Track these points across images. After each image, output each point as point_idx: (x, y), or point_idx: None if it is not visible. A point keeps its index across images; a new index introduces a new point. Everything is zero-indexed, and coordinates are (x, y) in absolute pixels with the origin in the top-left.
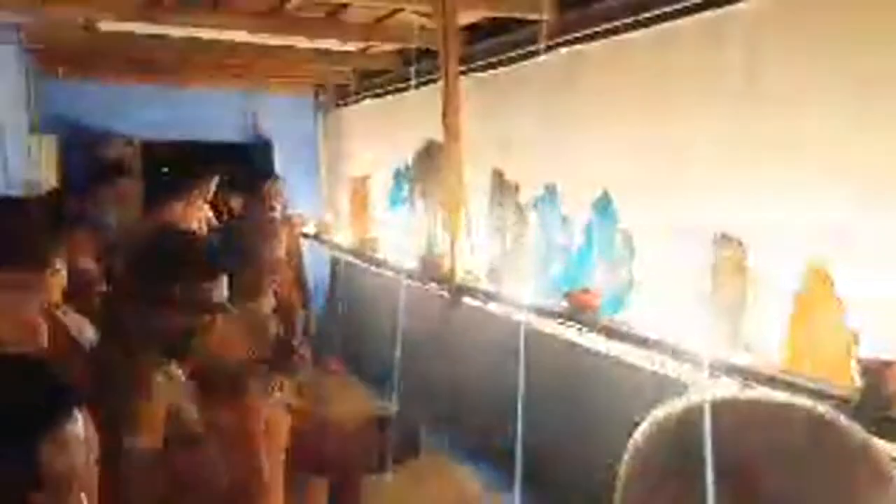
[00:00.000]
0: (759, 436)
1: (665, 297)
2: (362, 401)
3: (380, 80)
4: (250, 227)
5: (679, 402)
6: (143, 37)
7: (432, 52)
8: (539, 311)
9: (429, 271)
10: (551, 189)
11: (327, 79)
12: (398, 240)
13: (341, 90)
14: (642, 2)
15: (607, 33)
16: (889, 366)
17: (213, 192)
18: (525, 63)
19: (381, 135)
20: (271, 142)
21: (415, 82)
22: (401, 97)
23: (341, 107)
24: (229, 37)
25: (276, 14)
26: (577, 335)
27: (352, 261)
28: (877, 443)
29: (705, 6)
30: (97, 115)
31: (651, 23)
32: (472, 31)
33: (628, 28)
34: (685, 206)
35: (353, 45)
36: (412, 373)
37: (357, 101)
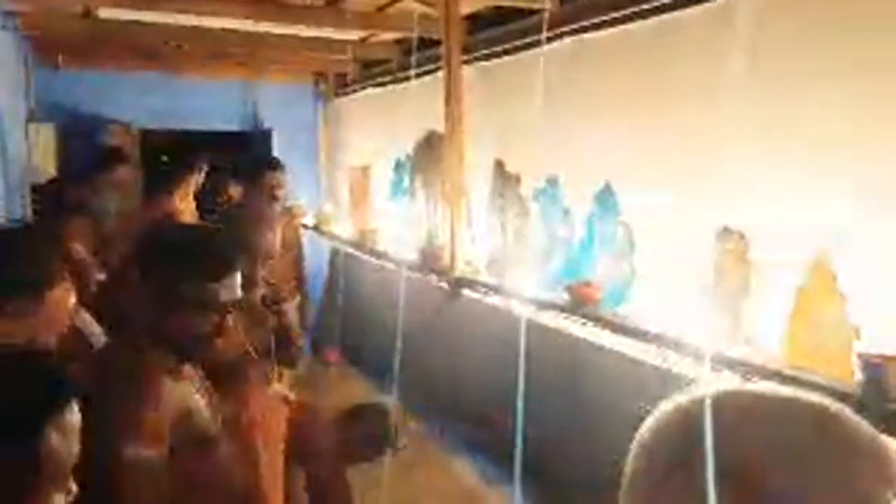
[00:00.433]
0: (764, 430)
1: (666, 290)
2: (360, 392)
3: (381, 70)
4: (247, 216)
5: (684, 396)
6: (142, 24)
7: (434, 42)
8: (540, 304)
9: (429, 263)
10: (553, 181)
11: (327, 67)
12: (398, 231)
13: (342, 79)
14: None
15: (611, 22)
16: (890, 360)
17: (209, 180)
18: (527, 53)
19: (381, 124)
20: (271, 130)
21: (416, 72)
22: (402, 87)
23: (341, 96)
24: (229, 25)
25: (275, 2)
26: (579, 328)
27: (351, 252)
28: (883, 438)
29: None
30: (96, 102)
31: (654, 13)
32: (474, 21)
33: (631, 17)
34: (687, 199)
35: (353, 34)
36: (411, 365)
37: (358, 90)
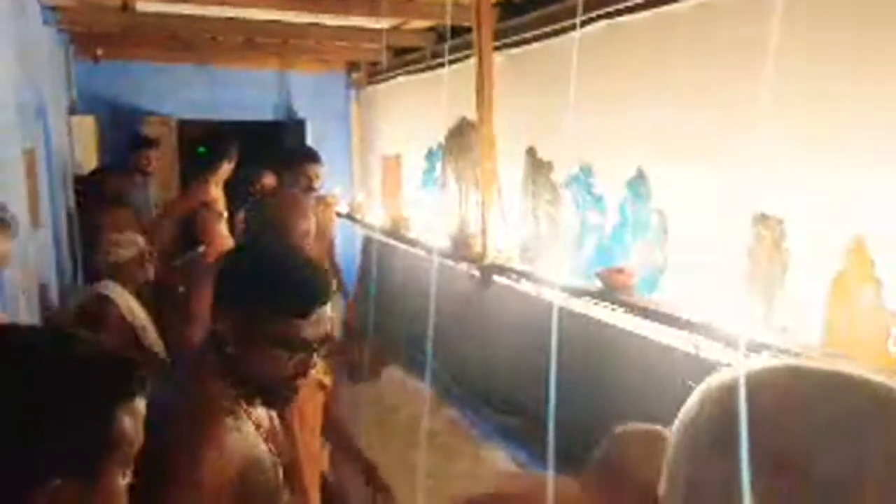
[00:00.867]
0: (812, 410)
1: (701, 277)
2: (394, 379)
3: (412, 57)
4: (281, 203)
5: (730, 372)
6: (178, 16)
7: (465, 29)
8: (572, 291)
9: (461, 250)
10: (585, 167)
11: (360, 56)
12: (430, 219)
13: (374, 68)
14: None
15: (644, 5)
16: None
17: (244, 170)
18: (560, 38)
19: (413, 113)
20: (304, 120)
21: (448, 59)
22: (434, 74)
23: (374, 84)
24: (262, 16)
25: None
26: (611, 315)
27: (384, 240)
28: None
29: None
30: (135, 95)
31: None
32: (506, 7)
33: (669, 0)
34: (722, 185)
35: (385, 22)
36: (444, 352)
37: (390, 78)
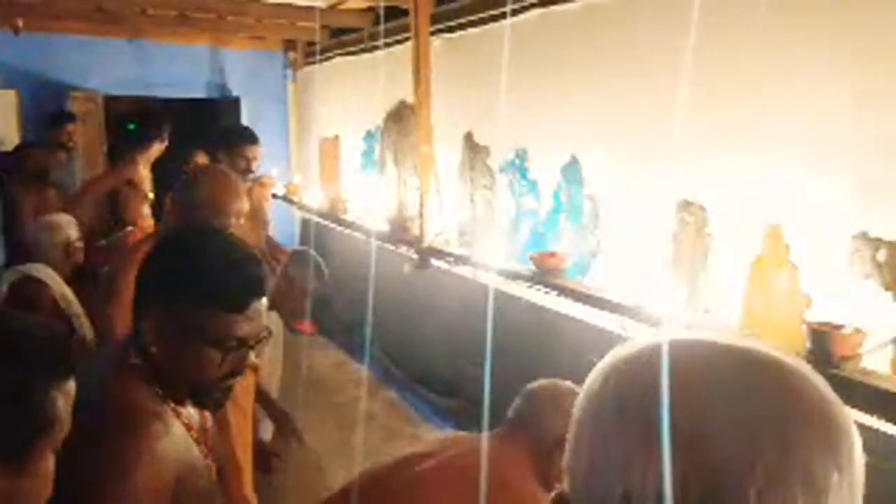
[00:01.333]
0: (714, 389)
1: (630, 261)
2: (332, 361)
3: (350, 38)
4: (211, 182)
5: (636, 344)
6: None
7: (404, 11)
8: (507, 274)
9: (399, 233)
10: (521, 153)
11: (297, 35)
12: (369, 201)
13: (311, 47)
14: None
15: None
16: (836, 329)
17: (175, 148)
18: (498, 24)
19: (352, 94)
20: (238, 99)
21: (386, 41)
22: (372, 56)
23: (311, 64)
24: None
25: None
26: (544, 297)
27: (322, 223)
28: (836, 400)
29: None
30: (59, 69)
31: None
32: None
33: None
34: (650, 172)
35: (322, 2)
36: (383, 334)
37: (327, 59)
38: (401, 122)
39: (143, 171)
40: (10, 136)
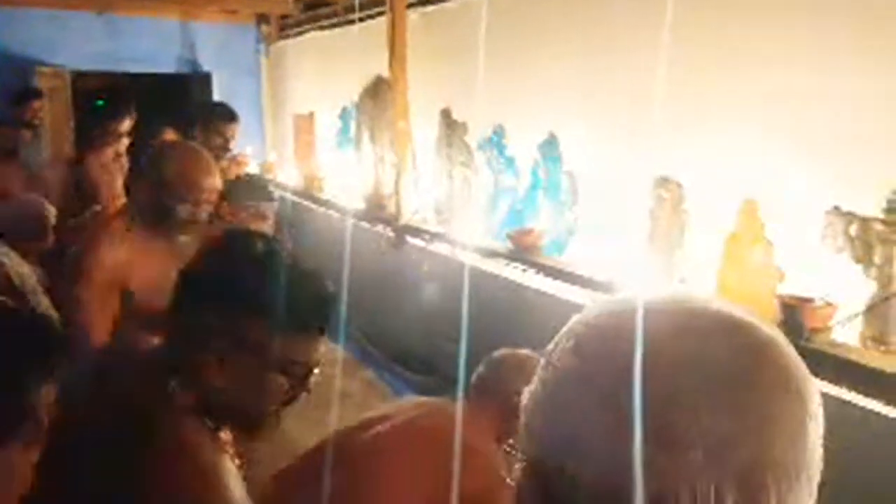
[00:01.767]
0: (690, 356)
1: (608, 237)
2: None
3: (325, 12)
4: (182, 157)
5: (613, 301)
6: None
7: None
8: (484, 252)
9: (375, 211)
10: (499, 130)
11: (269, 8)
12: (345, 179)
13: (284, 21)
14: None
15: None
16: (807, 302)
17: (145, 124)
18: None
19: (327, 70)
20: (210, 74)
21: (360, 15)
22: (347, 30)
23: (285, 39)
24: None
25: None
26: (521, 275)
27: (297, 201)
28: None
29: None
30: (24, 44)
31: None
32: None
33: None
34: (628, 149)
35: None
36: (359, 313)
37: (301, 33)
38: (377, 98)
39: (119, 148)
40: None
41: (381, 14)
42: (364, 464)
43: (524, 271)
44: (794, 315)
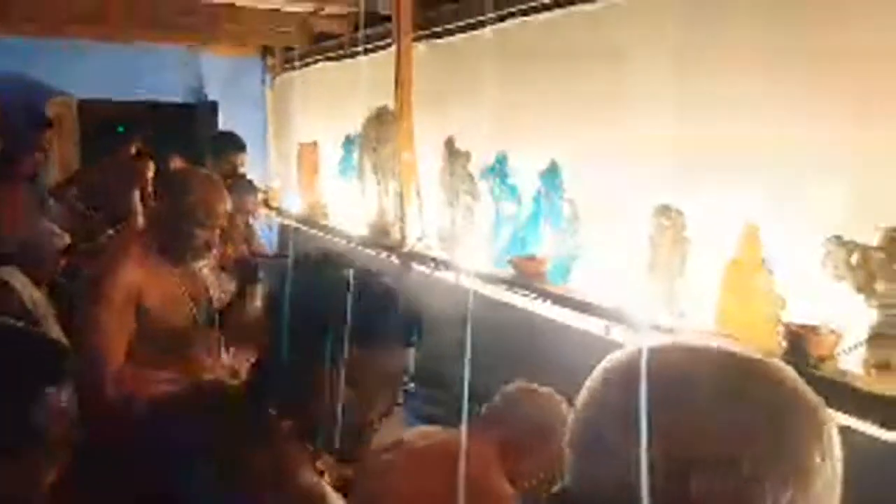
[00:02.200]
0: (699, 390)
1: (609, 265)
2: None
3: (331, 44)
4: (196, 182)
5: (629, 349)
6: None
7: (384, 17)
8: (488, 279)
9: (379, 238)
10: (502, 158)
11: (275, 41)
12: (348, 207)
13: (291, 53)
14: None
15: (561, 5)
16: (812, 330)
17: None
18: (480, 31)
19: (331, 100)
20: (216, 104)
21: (366, 47)
22: (352, 62)
23: (291, 70)
24: None
25: None
26: (525, 301)
27: (301, 228)
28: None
29: None
30: (33, 73)
31: None
32: None
33: (580, 0)
34: (629, 177)
35: (301, 7)
36: None
37: (307, 64)
38: (381, 128)
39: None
40: None
41: (386, 46)
42: (371, 487)
43: (526, 297)
44: (799, 343)
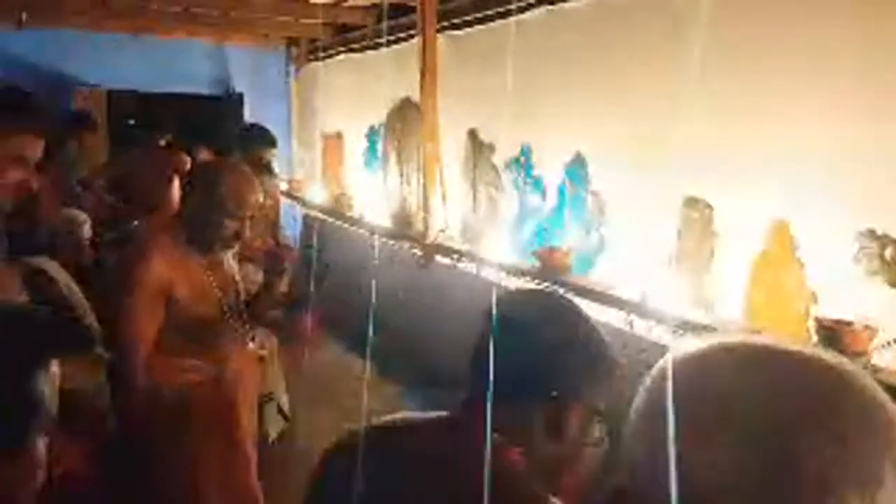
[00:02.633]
0: (767, 378)
1: (634, 257)
2: (335, 357)
3: (355, 36)
4: (228, 174)
5: (695, 345)
6: None
7: (409, 8)
8: (511, 270)
9: (403, 229)
10: (526, 150)
11: (300, 32)
12: (372, 198)
13: (314, 44)
14: None
15: None
16: (846, 325)
17: (180, 144)
18: (504, 21)
19: (355, 92)
20: (242, 95)
21: (390, 39)
22: (376, 53)
23: (315, 61)
24: None
25: None
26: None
27: (325, 219)
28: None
29: None
30: (61, 62)
31: None
32: None
33: None
34: (656, 169)
35: None
36: (386, 330)
37: (331, 56)
38: (405, 119)
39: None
40: None
41: (409, 38)
42: None
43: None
44: (833, 338)
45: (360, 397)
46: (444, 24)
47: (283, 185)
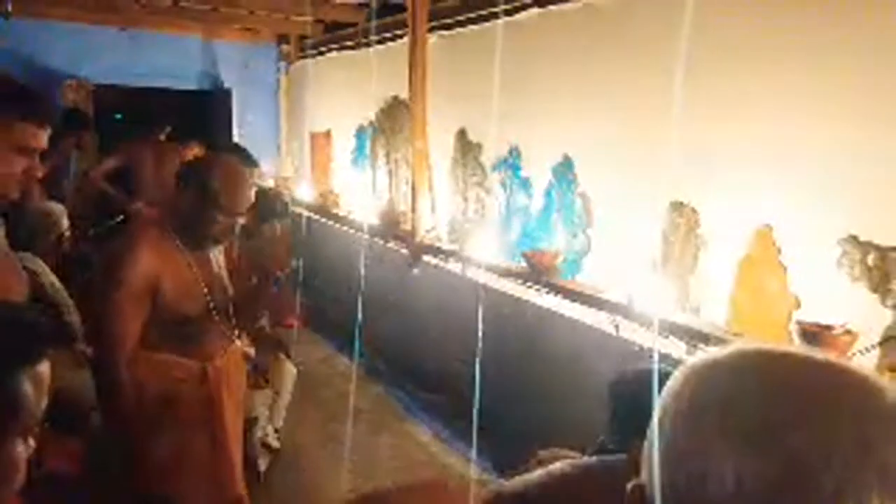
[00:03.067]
0: (788, 379)
1: (621, 260)
2: (321, 355)
3: (345, 33)
4: (221, 168)
5: (721, 350)
6: None
7: (399, 7)
8: (498, 271)
9: (390, 228)
10: (514, 151)
11: (290, 29)
12: (360, 196)
13: (304, 41)
14: None
15: None
16: (827, 329)
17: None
18: (493, 22)
19: (345, 89)
20: (230, 91)
21: (380, 37)
22: (366, 52)
23: (304, 59)
24: None
25: None
26: (534, 295)
27: (313, 217)
28: None
29: None
30: (49, 56)
31: None
32: None
33: None
34: (643, 173)
35: None
36: (373, 329)
37: (321, 53)
38: (394, 118)
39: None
40: None
41: (400, 36)
42: None
43: (537, 291)
44: (813, 342)
45: (346, 397)
46: (435, 23)
47: (272, 183)
